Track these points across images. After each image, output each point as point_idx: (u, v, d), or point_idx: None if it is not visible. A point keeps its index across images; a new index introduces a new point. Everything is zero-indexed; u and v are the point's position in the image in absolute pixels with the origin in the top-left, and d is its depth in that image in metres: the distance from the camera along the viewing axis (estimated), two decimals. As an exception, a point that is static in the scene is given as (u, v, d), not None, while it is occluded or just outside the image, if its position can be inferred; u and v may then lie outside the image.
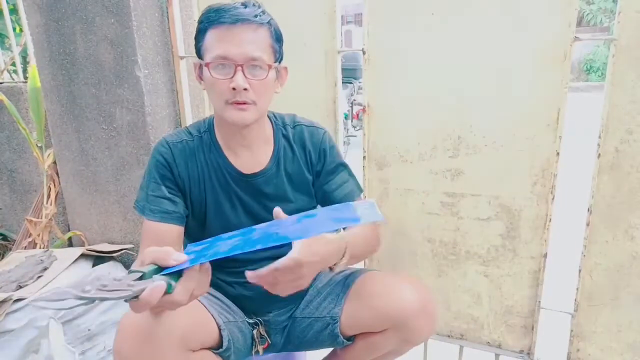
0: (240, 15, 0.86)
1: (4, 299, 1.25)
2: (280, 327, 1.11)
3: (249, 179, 1.01)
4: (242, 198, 1.02)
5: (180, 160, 0.98)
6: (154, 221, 0.95)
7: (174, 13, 1.46)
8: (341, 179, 1.08)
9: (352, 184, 1.09)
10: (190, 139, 1.01)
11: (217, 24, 0.87)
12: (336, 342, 1.05)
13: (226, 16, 0.86)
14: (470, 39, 1.13)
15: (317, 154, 1.06)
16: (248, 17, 0.87)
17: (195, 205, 1.01)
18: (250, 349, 1.08)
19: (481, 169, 1.20)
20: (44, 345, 1.23)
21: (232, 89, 0.88)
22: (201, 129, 1.03)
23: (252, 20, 0.87)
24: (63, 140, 1.62)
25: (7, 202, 2.12)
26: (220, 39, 0.88)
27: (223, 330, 0.93)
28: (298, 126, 1.07)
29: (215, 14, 0.87)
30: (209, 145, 1.01)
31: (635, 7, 0.98)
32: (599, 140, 1.07)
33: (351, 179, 1.10)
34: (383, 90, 1.26)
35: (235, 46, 0.87)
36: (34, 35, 1.54)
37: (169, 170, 0.98)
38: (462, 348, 1.36)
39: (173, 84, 1.54)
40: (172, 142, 1.00)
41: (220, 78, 0.88)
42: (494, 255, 1.25)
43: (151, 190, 0.97)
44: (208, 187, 1.00)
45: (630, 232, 1.09)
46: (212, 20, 0.88)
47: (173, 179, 0.98)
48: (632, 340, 1.15)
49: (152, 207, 0.96)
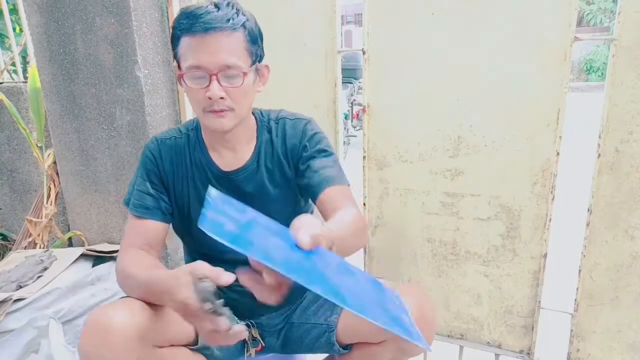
0: (212, 23, 0.84)
1: (4, 299, 1.25)
2: (275, 330, 1.11)
3: (230, 177, 1.01)
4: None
5: (166, 156, 1.01)
6: (135, 215, 0.98)
7: (174, 13, 1.46)
8: (322, 163, 0.99)
9: (334, 170, 1.00)
10: (179, 136, 1.03)
11: (189, 32, 0.85)
12: (332, 350, 1.05)
13: (198, 24, 0.84)
14: (470, 39, 1.13)
15: (298, 144, 1.02)
16: (220, 23, 0.84)
17: (178, 202, 1.02)
18: (242, 350, 1.07)
19: (481, 169, 1.20)
20: (44, 345, 1.23)
21: (209, 98, 0.87)
22: (189, 127, 1.04)
23: (224, 27, 0.85)
24: (63, 140, 1.62)
25: (7, 202, 2.12)
26: (193, 49, 0.86)
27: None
28: (281, 119, 1.04)
29: (187, 21, 0.85)
30: (195, 143, 1.02)
31: (635, 7, 0.98)
32: (599, 140, 1.07)
33: (335, 166, 1.01)
34: (383, 90, 1.26)
35: (208, 55, 0.85)
36: (34, 35, 1.54)
37: (155, 165, 1.00)
38: (462, 348, 1.36)
39: (173, 84, 1.54)
40: (160, 139, 1.02)
41: (195, 87, 0.88)
42: (494, 255, 1.25)
43: (137, 184, 1.00)
44: (191, 184, 1.01)
45: (630, 232, 1.09)
46: (183, 27, 0.86)
47: (158, 174, 1.00)
48: (632, 340, 1.15)
49: (134, 202, 0.98)
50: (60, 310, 1.30)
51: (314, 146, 1.02)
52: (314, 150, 1.02)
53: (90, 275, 1.43)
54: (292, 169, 1.03)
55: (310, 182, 0.98)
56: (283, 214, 1.01)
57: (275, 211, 0.99)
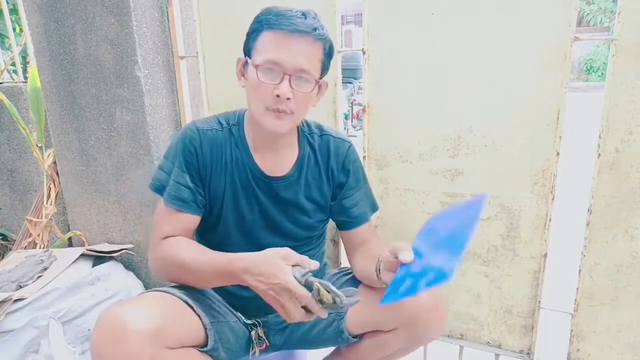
0: (300, 26, 0.87)
1: (4, 299, 1.25)
2: (281, 328, 1.11)
3: (271, 182, 1.02)
4: (260, 198, 1.03)
5: (206, 148, 0.99)
6: (171, 207, 0.97)
7: (174, 13, 1.46)
8: (359, 196, 1.10)
9: (367, 204, 1.12)
10: (220, 129, 1.01)
11: (275, 28, 0.87)
12: (341, 338, 1.05)
13: (287, 23, 0.86)
14: (470, 39, 1.13)
15: (341, 168, 1.07)
16: (307, 29, 0.87)
17: (211, 196, 1.01)
18: (247, 350, 1.08)
19: (481, 169, 1.20)
20: (44, 345, 1.23)
21: (276, 95, 0.88)
22: (230, 122, 1.03)
23: (310, 33, 0.88)
24: (63, 140, 1.62)
25: (7, 202, 2.12)
26: (275, 44, 0.88)
27: (209, 330, 0.93)
28: (325, 136, 1.08)
29: (275, 18, 0.87)
30: (237, 140, 1.01)
31: (635, 7, 0.98)
32: (599, 140, 1.07)
33: (366, 198, 1.13)
34: (383, 90, 1.26)
35: (288, 54, 0.87)
36: (34, 35, 1.54)
37: (195, 157, 0.98)
38: (462, 348, 1.36)
39: (173, 84, 1.54)
40: (202, 129, 1.00)
41: (266, 82, 0.89)
42: (494, 255, 1.25)
43: (174, 175, 0.98)
44: (228, 180, 1.01)
45: (630, 232, 1.09)
46: (271, 23, 0.88)
47: (197, 166, 0.99)
48: (632, 340, 1.15)
49: (171, 193, 0.97)
50: (60, 310, 1.30)
51: (356, 176, 1.10)
52: (355, 181, 1.09)
53: (90, 275, 1.43)
54: (330, 188, 1.08)
55: (347, 213, 1.09)
56: (308, 224, 1.09)
57: (301, 221, 1.08)
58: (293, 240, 1.07)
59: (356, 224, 1.09)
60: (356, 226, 1.09)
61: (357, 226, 1.09)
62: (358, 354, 1.06)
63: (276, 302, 0.82)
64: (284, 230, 1.06)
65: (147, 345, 0.78)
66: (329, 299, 0.78)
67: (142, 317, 0.79)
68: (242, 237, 1.05)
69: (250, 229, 1.04)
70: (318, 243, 1.15)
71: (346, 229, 1.11)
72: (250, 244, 1.04)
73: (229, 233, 1.04)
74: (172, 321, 0.86)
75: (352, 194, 1.09)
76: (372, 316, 1.00)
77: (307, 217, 1.07)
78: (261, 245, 1.05)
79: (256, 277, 0.82)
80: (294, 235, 1.07)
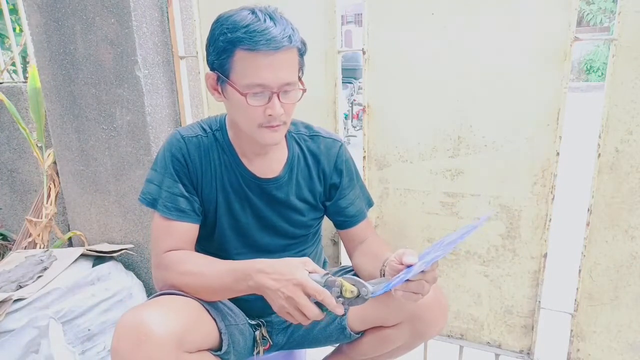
0: (276, 38, 0.82)
1: (4, 299, 1.25)
2: (283, 327, 1.11)
3: (262, 183, 1.02)
4: (252, 200, 1.02)
5: (195, 155, 0.98)
6: (170, 219, 0.95)
7: (174, 13, 1.46)
8: (354, 194, 1.10)
9: (363, 201, 1.13)
10: (204, 134, 1.00)
11: (252, 49, 0.82)
12: (343, 335, 1.05)
13: (262, 41, 0.81)
14: (470, 39, 1.13)
15: (333, 168, 1.07)
16: (283, 41, 0.82)
17: (205, 202, 1.01)
18: (251, 350, 1.08)
19: (481, 169, 1.20)
20: (44, 345, 1.23)
21: (269, 115, 0.87)
22: (213, 127, 1.01)
23: (286, 45, 0.83)
24: (63, 140, 1.62)
25: (7, 202, 2.12)
26: (256, 66, 0.83)
27: (224, 334, 0.93)
28: (315, 136, 1.07)
29: (247, 36, 0.81)
30: (223, 145, 1.00)
31: (635, 7, 0.98)
32: (599, 140, 1.07)
33: (362, 195, 1.13)
34: (383, 90, 1.26)
35: (272, 74, 0.84)
36: (34, 35, 1.54)
37: (185, 166, 0.97)
38: (462, 348, 1.36)
39: (173, 84, 1.54)
40: (186, 136, 0.98)
41: (256, 105, 0.86)
42: (494, 255, 1.25)
43: (166, 186, 0.96)
44: (219, 185, 1.00)
45: (630, 232, 1.09)
46: (244, 42, 0.82)
47: (188, 174, 0.97)
48: (632, 340, 1.15)
49: (166, 204, 0.95)
50: (60, 310, 1.30)
51: (349, 176, 1.09)
52: (349, 180, 1.09)
53: (90, 275, 1.43)
54: (323, 188, 1.08)
55: (344, 212, 1.09)
56: (303, 222, 1.09)
57: (295, 220, 1.08)
58: (290, 239, 1.07)
59: (354, 223, 1.10)
60: (354, 224, 1.10)
61: (355, 224, 1.10)
62: (360, 351, 1.06)
63: (288, 302, 0.80)
64: (280, 230, 1.06)
65: (171, 350, 0.77)
66: (354, 292, 0.78)
67: (165, 321, 0.78)
68: (240, 240, 1.04)
69: (247, 231, 1.04)
70: (314, 240, 1.16)
71: (344, 228, 1.11)
72: (248, 245, 1.05)
73: (226, 237, 1.04)
74: (193, 325, 0.86)
75: (347, 194, 1.09)
76: (375, 312, 1.00)
77: (301, 215, 1.06)
78: (259, 246, 1.05)
79: (270, 275, 0.82)
80: (290, 234, 1.07)
